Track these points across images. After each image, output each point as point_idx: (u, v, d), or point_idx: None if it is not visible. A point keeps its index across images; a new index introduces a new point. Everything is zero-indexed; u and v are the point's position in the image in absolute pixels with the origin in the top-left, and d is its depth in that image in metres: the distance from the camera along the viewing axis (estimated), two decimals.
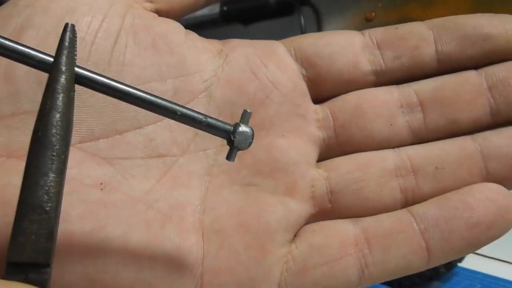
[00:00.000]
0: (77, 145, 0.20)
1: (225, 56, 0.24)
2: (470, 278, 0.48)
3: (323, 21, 0.57)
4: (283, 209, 0.22)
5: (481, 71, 0.23)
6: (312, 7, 0.57)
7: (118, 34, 0.21)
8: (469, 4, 0.48)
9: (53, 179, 0.15)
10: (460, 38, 0.24)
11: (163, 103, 0.17)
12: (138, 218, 0.20)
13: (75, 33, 0.16)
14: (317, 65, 0.24)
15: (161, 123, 0.22)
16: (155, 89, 0.22)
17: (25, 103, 0.20)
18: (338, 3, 0.56)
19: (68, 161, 0.16)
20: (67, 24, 0.16)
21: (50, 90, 0.15)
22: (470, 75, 0.24)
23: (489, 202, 0.21)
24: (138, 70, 0.22)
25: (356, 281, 0.22)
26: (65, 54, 0.16)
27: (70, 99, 0.16)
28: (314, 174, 0.23)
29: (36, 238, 0.15)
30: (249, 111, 0.19)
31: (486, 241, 0.21)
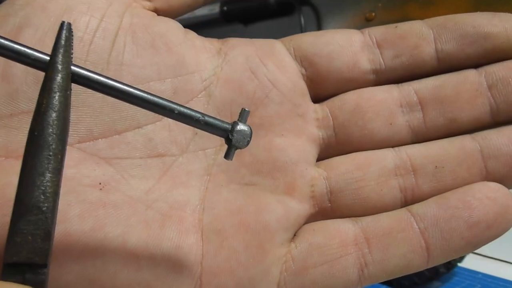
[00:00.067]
0: (76, 145, 0.20)
1: (224, 55, 0.24)
2: (470, 278, 0.48)
3: (323, 21, 0.57)
4: (282, 209, 0.22)
5: (481, 70, 0.23)
6: (312, 7, 0.57)
7: (116, 33, 0.21)
8: (469, 3, 0.48)
9: (50, 179, 0.15)
10: (460, 37, 0.23)
11: (160, 101, 0.17)
12: (137, 218, 0.20)
13: (71, 31, 0.16)
14: (316, 64, 0.24)
15: (160, 122, 0.22)
16: (154, 88, 0.22)
17: (23, 103, 0.20)
18: (338, 3, 0.56)
19: (65, 161, 0.16)
20: (63, 22, 0.16)
21: (46, 89, 0.15)
22: (470, 74, 0.24)
23: (489, 201, 0.21)
24: (137, 69, 0.21)
25: (355, 281, 0.21)
26: (61, 52, 0.16)
27: (66, 98, 0.15)
28: (313, 173, 0.23)
29: (32, 238, 0.14)
30: (247, 109, 0.19)
31: (486, 240, 0.21)
